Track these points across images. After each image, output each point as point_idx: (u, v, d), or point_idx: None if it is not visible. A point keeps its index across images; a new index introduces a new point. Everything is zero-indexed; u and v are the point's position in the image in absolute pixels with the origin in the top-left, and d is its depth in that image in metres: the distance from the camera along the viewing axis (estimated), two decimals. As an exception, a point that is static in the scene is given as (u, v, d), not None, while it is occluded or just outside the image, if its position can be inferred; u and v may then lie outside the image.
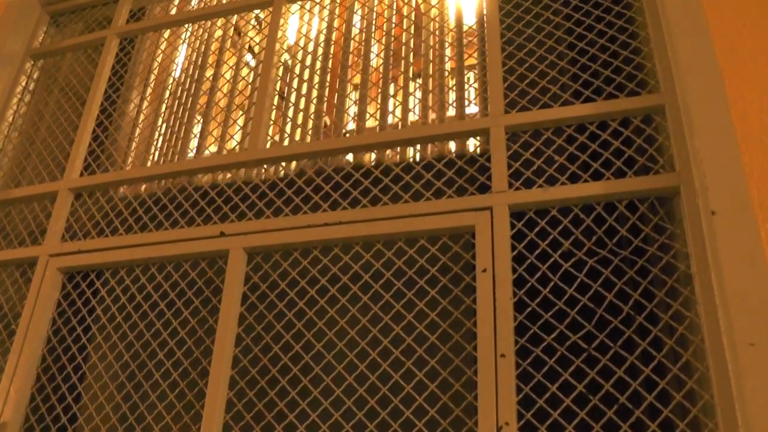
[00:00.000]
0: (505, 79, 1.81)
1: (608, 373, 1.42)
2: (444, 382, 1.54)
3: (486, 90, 1.80)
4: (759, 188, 1.39)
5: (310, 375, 1.68)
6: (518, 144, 1.71)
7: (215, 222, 1.95)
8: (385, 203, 1.78)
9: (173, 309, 1.89)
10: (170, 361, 1.85)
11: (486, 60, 1.85)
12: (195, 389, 1.77)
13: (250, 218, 1.90)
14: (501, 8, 1.94)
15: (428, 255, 1.68)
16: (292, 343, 1.74)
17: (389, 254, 1.70)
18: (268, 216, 1.88)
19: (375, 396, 1.59)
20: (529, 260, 1.56)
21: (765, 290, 1.30)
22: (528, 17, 1.91)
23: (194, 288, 1.91)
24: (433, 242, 1.69)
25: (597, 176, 1.62)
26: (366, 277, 1.71)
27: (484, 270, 1.54)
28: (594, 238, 1.56)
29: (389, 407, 1.55)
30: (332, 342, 1.69)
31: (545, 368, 1.45)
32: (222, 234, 1.83)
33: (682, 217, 1.48)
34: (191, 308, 1.89)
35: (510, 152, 1.69)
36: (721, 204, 1.39)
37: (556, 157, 1.67)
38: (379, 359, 1.62)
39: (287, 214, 1.86)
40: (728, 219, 1.37)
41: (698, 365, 1.37)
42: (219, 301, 1.76)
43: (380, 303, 1.66)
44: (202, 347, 1.83)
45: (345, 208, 1.81)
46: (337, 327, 1.71)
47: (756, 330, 1.28)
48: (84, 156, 2.25)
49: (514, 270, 1.54)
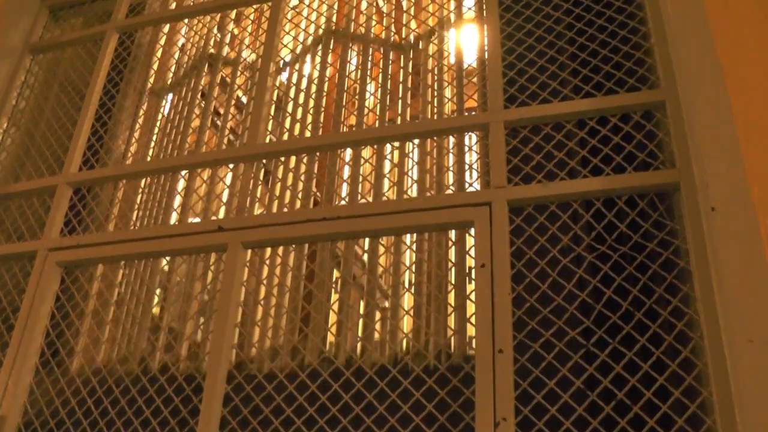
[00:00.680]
0: (505, 75, 1.80)
1: (607, 369, 1.42)
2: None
3: (485, 85, 1.80)
4: (759, 185, 1.38)
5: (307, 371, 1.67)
6: (517, 139, 1.70)
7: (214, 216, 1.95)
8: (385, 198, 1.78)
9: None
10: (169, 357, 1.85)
11: (485, 55, 1.84)
12: (193, 383, 1.77)
13: (249, 213, 1.89)
14: (501, 3, 1.93)
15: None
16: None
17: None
18: (267, 210, 1.88)
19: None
20: (528, 256, 1.55)
21: (764, 287, 1.30)
22: (528, 12, 1.90)
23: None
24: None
25: (596, 172, 1.61)
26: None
27: (483, 265, 1.53)
28: (593, 234, 1.55)
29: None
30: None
31: (543, 364, 1.45)
32: (220, 228, 1.83)
33: (682, 214, 1.48)
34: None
35: (509, 148, 1.69)
36: (721, 200, 1.38)
37: (556, 153, 1.66)
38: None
39: (286, 208, 1.86)
40: (728, 215, 1.37)
41: (697, 362, 1.36)
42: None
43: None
44: (201, 341, 1.83)
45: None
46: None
47: (755, 327, 1.27)
48: (83, 151, 2.24)
49: (513, 265, 1.54)
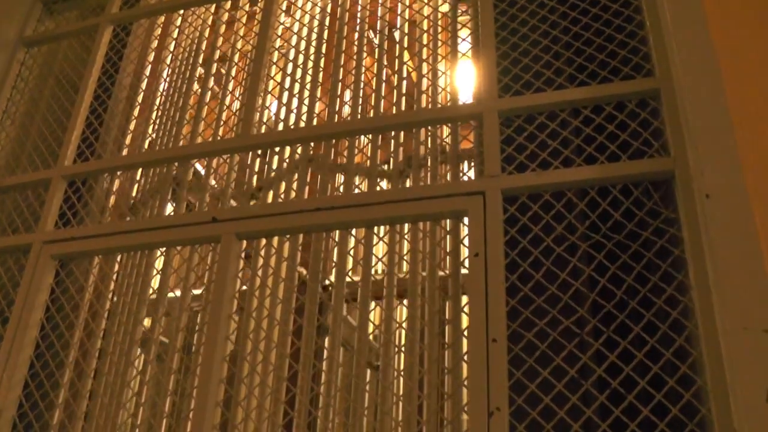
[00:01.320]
0: (499, 64, 1.79)
1: (601, 358, 1.41)
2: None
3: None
4: (754, 172, 1.37)
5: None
6: (512, 129, 1.69)
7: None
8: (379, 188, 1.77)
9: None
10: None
11: (479, 44, 1.83)
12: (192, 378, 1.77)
13: (243, 203, 1.89)
14: (495, -9, 1.92)
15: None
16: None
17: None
18: (261, 201, 1.87)
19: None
20: (522, 244, 1.55)
21: (759, 274, 1.29)
22: (522, 1, 1.89)
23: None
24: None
25: (591, 161, 1.60)
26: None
27: (477, 254, 1.53)
28: (588, 223, 1.54)
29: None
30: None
31: (537, 353, 1.44)
32: (214, 219, 1.82)
33: (677, 202, 1.47)
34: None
35: (503, 137, 1.68)
36: (716, 188, 1.38)
37: (550, 142, 1.65)
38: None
39: (280, 199, 1.85)
40: (723, 203, 1.36)
41: (692, 350, 1.36)
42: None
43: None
44: (197, 331, 1.82)
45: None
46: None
47: (750, 314, 1.26)
48: (77, 143, 2.24)
49: (507, 254, 1.53)
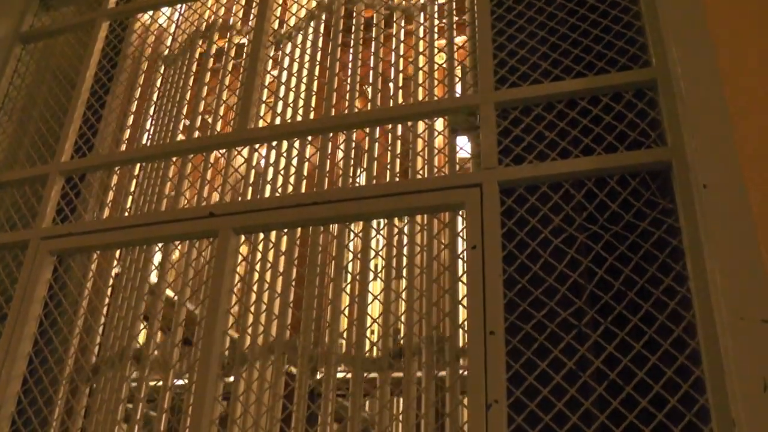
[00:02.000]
0: (495, 56, 1.79)
1: (599, 350, 1.41)
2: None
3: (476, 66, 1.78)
4: (751, 162, 1.37)
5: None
6: (508, 120, 1.69)
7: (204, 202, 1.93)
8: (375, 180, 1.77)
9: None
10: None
11: (476, 36, 1.83)
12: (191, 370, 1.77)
13: (240, 198, 1.88)
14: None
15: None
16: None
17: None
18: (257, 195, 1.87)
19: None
20: (519, 236, 1.54)
21: (757, 264, 1.28)
22: (518, -8, 1.88)
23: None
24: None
25: (588, 152, 1.60)
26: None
27: (474, 247, 1.53)
28: (585, 214, 1.54)
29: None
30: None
31: (535, 345, 1.44)
32: (211, 214, 1.82)
33: (674, 192, 1.47)
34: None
35: (500, 129, 1.68)
36: (713, 178, 1.37)
37: (547, 133, 1.65)
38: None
39: (276, 193, 1.84)
40: (720, 193, 1.36)
41: (689, 340, 1.35)
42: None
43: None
44: (198, 323, 1.82)
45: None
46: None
47: (747, 305, 1.26)
48: (74, 139, 2.24)
49: (504, 246, 1.53)
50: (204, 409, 1.60)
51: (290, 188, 1.89)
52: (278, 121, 2.04)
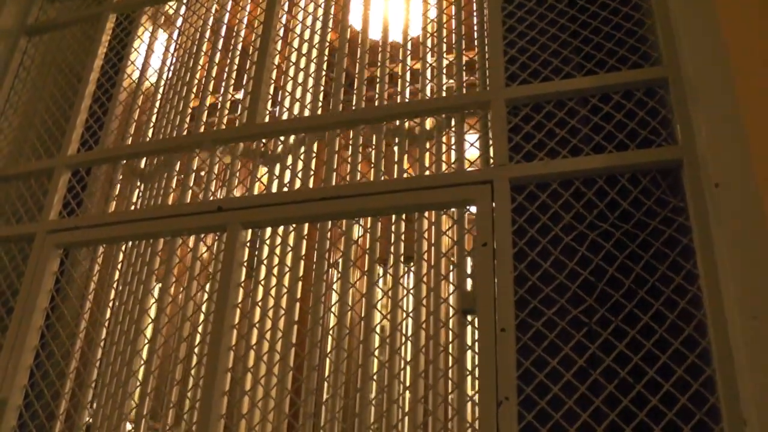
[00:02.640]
0: (506, 53, 1.78)
1: (609, 348, 1.41)
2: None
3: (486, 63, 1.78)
4: (763, 160, 1.36)
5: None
6: (519, 117, 1.69)
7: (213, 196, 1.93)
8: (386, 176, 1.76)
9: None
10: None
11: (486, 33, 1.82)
12: (195, 361, 1.77)
13: (248, 192, 1.88)
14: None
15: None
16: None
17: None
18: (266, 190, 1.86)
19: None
20: (530, 234, 1.54)
21: (769, 263, 1.29)
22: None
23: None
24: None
25: (599, 149, 1.59)
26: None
27: (485, 244, 1.52)
28: (596, 212, 1.54)
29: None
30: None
31: (546, 342, 1.44)
32: (219, 209, 1.81)
33: (685, 191, 1.46)
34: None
35: (511, 126, 1.67)
36: (725, 176, 1.37)
37: (557, 131, 1.65)
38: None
39: (285, 188, 1.84)
40: (732, 191, 1.35)
41: (700, 340, 1.35)
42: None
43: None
44: (203, 320, 1.81)
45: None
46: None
47: (759, 304, 1.26)
48: (80, 132, 2.23)
49: (515, 244, 1.53)
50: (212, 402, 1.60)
51: (298, 183, 1.89)
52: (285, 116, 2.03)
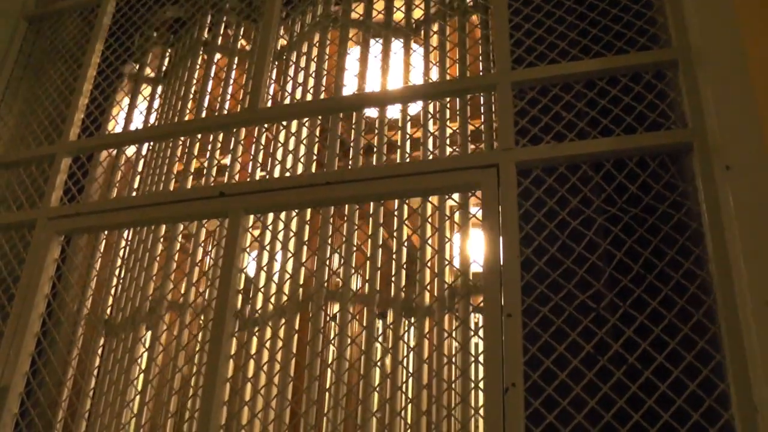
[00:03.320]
0: (512, 35, 1.75)
1: (617, 334, 1.39)
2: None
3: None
4: (776, 143, 1.34)
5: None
6: (525, 101, 1.66)
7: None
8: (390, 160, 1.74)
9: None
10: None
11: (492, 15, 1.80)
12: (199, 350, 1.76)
13: (251, 178, 1.86)
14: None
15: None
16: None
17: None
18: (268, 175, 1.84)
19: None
20: (537, 218, 1.52)
21: (781, 247, 1.26)
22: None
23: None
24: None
25: (606, 133, 1.57)
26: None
27: (491, 228, 1.50)
28: (603, 196, 1.51)
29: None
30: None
31: (553, 328, 1.42)
32: (222, 194, 1.79)
33: (694, 174, 1.44)
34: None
35: (517, 109, 1.65)
36: (736, 159, 1.35)
37: (564, 114, 1.62)
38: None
39: (288, 173, 1.82)
40: (743, 174, 1.33)
41: (710, 325, 1.33)
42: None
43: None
44: (206, 305, 1.80)
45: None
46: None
47: (772, 288, 1.24)
48: (81, 118, 2.21)
49: (521, 228, 1.50)
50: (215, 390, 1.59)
51: (301, 168, 1.87)
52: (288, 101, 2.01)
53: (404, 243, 1.69)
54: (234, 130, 1.99)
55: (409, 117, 1.83)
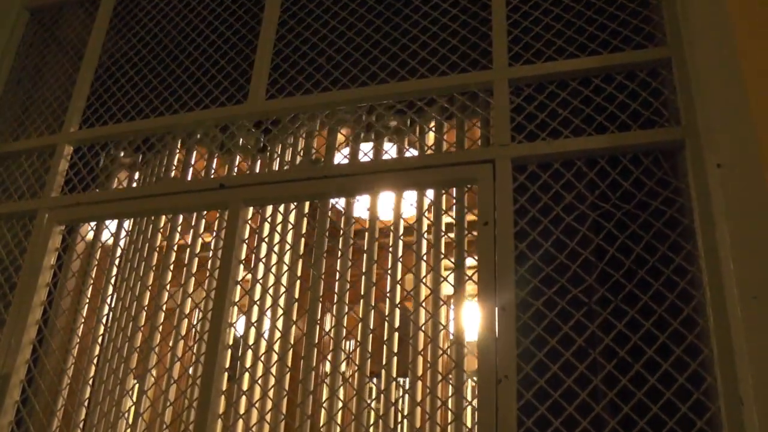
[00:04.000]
0: (509, 33, 1.77)
1: (609, 327, 1.42)
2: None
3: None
4: (766, 140, 1.36)
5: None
6: (521, 97, 1.68)
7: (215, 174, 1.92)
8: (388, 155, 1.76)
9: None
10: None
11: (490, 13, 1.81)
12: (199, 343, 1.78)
13: (250, 170, 1.87)
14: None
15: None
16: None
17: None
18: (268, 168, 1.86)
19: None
20: (531, 213, 1.54)
21: (770, 244, 1.29)
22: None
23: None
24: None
25: (601, 130, 1.59)
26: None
27: (486, 223, 1.53)
28: (597, 192, 1.54)
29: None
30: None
31: (545, 322, 1.44)
32: (222, 186, 1.82)
33: (687, 171, 1.46)
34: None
35: (513, 106, 1.67)
36: (728, 157, 1.37)
37: (560, 111, 1.64)
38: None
39: (287, 166, 1.84)
40: (734, 172, 1.36)
41: (699, 319, 1.36)
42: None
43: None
44: (203, 299, 1.82)
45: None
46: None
47: (759, 283, 1.27)
48: (82, 110, 2.23)
49: (516, 223, 1.53)
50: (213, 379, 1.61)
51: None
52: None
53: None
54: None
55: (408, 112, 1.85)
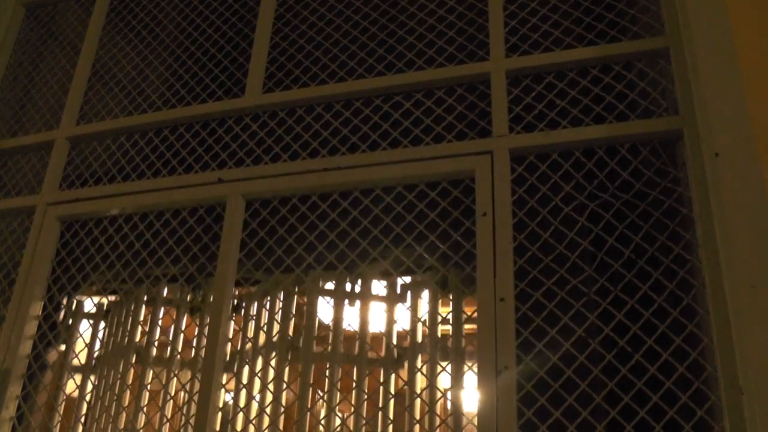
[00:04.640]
0: (506, 24, 1.77)
1: (608, 318, 1.42)
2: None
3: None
4: (763, 129, 1.36)
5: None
6: (519, 88, 1.68)
7: (213, 168, 1.92)
8: (385, 148, 1.75)
9: (172, 256, 1.88)
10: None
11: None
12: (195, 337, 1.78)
13: (248, 164, 1.87)
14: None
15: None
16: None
17: (388, 199, 1.68)
18: (267, 162, 1.85)
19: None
20: (530, 204, 1.54)
21: (768, 232, 1.29)
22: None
23: (192, 235, 1.88)
24: (433, 187, 1.66)
25: (599, 120, 1.59)
26: (365, 223, 1.69)
27: (484, 214, 1.53)
28: (595, 182, 1.54)
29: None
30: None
31: (545, 312, 1.45)
32: (220, 180, 1.81)
33: (685, 161, 1.46)
34: (189, 255, 1.87)
35: (511, 96, 1.67)
36: (725, 146, 1.37)
37: (558, 101, 1.64)
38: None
39: (285, 160, 1.83)
40: (732, 161, 1.35)
41: (699, 309, 1.36)
42: (218, 248, 1.76)
43: (379, 248, 1.65)
44: (201, 293, 1.82)
45: (344, 154, 1.78)
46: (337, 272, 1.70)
47: (758, 272, 1.27)
48: (80, 105, 2.22)
49: (515, 214, 1.53)
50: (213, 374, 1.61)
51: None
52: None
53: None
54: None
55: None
